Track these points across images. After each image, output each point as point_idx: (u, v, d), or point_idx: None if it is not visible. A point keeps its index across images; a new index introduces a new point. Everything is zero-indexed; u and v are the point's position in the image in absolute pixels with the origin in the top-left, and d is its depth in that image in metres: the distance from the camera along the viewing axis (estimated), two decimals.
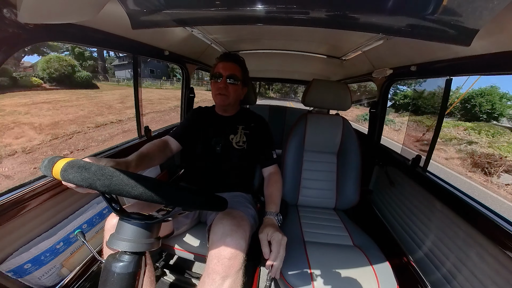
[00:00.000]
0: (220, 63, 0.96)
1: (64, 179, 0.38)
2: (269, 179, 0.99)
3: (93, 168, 0.39)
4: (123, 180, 0.39)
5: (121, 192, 0.39)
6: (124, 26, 0.82)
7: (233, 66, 0.96)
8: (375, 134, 1.58)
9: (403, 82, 9.33)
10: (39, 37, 0.64)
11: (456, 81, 1.02)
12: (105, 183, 0.38)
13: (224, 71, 0.94)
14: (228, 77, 0.94)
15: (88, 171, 0.38)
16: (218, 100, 0.98)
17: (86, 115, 8.34)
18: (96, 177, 0.38)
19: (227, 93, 0.95)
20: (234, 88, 0.96)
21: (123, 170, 0.42)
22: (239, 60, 0.99)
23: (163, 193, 0.41)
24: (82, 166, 0.38)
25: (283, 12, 0.65)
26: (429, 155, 1.10)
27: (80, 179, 0.37)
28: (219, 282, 0.61)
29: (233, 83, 0.95)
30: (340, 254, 0.89)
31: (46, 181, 0.77)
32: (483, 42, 0.65)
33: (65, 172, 0.38)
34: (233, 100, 0.99)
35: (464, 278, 0.76)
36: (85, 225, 0.91)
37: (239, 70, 0.98)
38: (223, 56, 0.98)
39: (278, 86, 34.60)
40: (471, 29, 0.52)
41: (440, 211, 0.90)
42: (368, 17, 0.60)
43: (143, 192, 0.39)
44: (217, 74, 0.95)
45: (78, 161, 0.40)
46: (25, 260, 0.70)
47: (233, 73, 0.95)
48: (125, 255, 0.43)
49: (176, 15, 0.70)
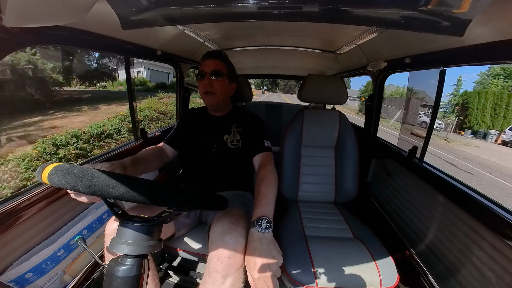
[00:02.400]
0: (203, 62, 0.96)
1: (51, 182, 0.39)
2: (259, 170, 0.86)
3: (76, 170, 0.39)
4: (103, 180, 0.39)
5: (102, 192, 0.38)
6: (115, 27, 0.80)
7: (216, 62, 0.95)
8: (371, 127, 1.60)
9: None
10: (27, 41, 0.62)
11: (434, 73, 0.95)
12: (86, 184, 0.38)
13: (207, 67, 0.94)
14: (211, 73, 0.93)
15: (70, 174, 0.38)
16: (207, 101, 0.98)
17: None
18: (78, 179, 0.38)
19: (213, 89, 0.94)
20: (219, 84, 0.95)
21: (107, 171, 0.41)
22: (222, 56, 0.98)
23: (150, 193, 0.40)
24: (66, 169, 0.39)
25: (275, 8, 0.64)
26: (425, 146, 1.12)
27: (64, 182, 0.38)
28: (220, 281, 0.61)
29: (218, 79, 0.94)
30: (341, 247, 0.90)
31: (42, 188, 0.75)
32: (475, 32, 0.66)
33: (51, 176, 0.39)
34: (221, 98, 0.98)
35: (466, 270, 0.75)
36: (85, 231, 0.90)
37: (223, 65, 0.97)
38: (205, 55, 0.98)
39: (282, 82, 38.61)
40: (463, 20, 0.53)
41: (438, 202, 0.91)
42: (361, 10, 0.60)
43: (125, 192, 0.39)
44: (201, 73, 0.95)
45: (64, 165, 0.40)
46: (26, 269, 0.70)
47: (216, 69, 0.94)
48: (128, 258, 0.43)
49: (166, 14, 0.69)
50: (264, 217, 0.66)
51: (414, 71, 1.24)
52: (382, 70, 1.38)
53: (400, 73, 1.35)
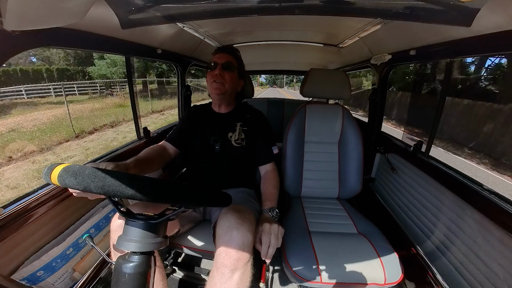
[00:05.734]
0: (216, 55, 0.98)
1: (62, 184, 0.39)
2: (265, 178, 0.99)
3: (87, 171, 0.39)
4: (115, 180, 0.39)
5: (116, 192, 0.39)
6: (114, 26, 0.80)
7: (228, 56, 0.97)
8: (375, 122, 1.57)
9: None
10: (28, 44, 0.62)
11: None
12: (99, 184, 0.38)
13: (220, 59, 0.95)
14: (223, 65, 0.94)
15: (82, 175, 0.39)
16: (214, 89, 0.95)
17: None
18: (90, 180, 0.38)
19: (223, 80, 0.94)
20: (230, 76, 0.96)
21: (117, 172, 0.42)
22: (235, 53, 1.01)
23: (160, 192, 0.41)
24: (76, 170, 0.39)
25: (275, 1, 0.63)
26: (430, 140, 1.10)
27: (75, 183, 0.38)
28: (228, 275, 0.62)
29: (229, 71, 0.95)
30: (345, 242, 0.90)
31: (49, 189, 0.77)
32: (483, 21, 0.63)
33: (61, 178, 0.39)
34: (229, 88, 0.97)
35: (473, 265, 0.74)
36: (92, 230, 0.92)
37: (235, 60, 1.00)
38: (218, 48, 1.00)
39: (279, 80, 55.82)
40: (471, 9, 0.51)
41: (445, 197, 0.89)
42: (364, 1, 0.58)
43: (137, 191, 0.39)
44: (212, 63, 0.96)
45: (74, 166, 0.41)
46: (37, 267, 0.72)
47: (228, 61, 0.95)
48: (135, 255, 0.44)
49: (165, 12, 0.68)
50: (275, 208, 0.82)
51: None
52: (386, 63, 1.35)
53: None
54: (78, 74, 14.67)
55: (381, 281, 0.77)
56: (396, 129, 8.49)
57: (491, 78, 8.13)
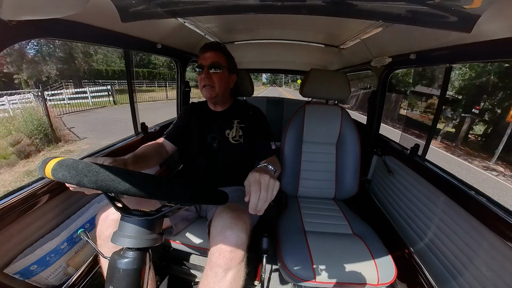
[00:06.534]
0: (201, 55, 0.94)
1: (55, 177, 0.39)
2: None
3: (81, 165, 0.39)
4: (109, 175, 0.39)
5: (109, 187, 0.39)
6: (114, 19, 0.78)
7: (214, 54, 0.93)
8: (374, 124, 1.58)
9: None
10: (24, 34, 0.61)
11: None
12: (92, 179, 0.38)
13: (205, 61, 0.92)
14: (209, 67, 0.91)
15: (75, 169, 0.38)
16: (205, 94, 0.95)
17: None
18: (83, 174, 0.38)
19: (211, 83, 0.92)
20: (218, 77, 0.93)
21: (111, 167, 0.41)
22: (220, 48, 0.95)
23: (154, 188, 0.40)
24: (70, 164, 0.39)
25: (278, 0, 0.62)
26: (427, 144, 1.11)
27: (69, 177, 0.38)
28: (222, 275, 0.63)
29: (216, 72, 0.92)
30: (340, 243, 0.91)
31: (44, 183, 0.76)
32: (484, 28, 0.64)
33: (55, 171, 0.39)
34: (220, 90, 0.95)
35: (465, 269, 0.75)
36: (87, 225, 0.91)
37: (222, 57, 0.94)
38: (203, 47, 0.95)
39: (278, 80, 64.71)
40: (472, 15, 0.51)
41: (439, 200, 0.91)
42: (367, 3, 0.58)
43: (131, 187, 0.39)
44: (199, 66, 0.93)
45: (68, 160, 0.40)
46: (30, 261, 0.71)
47: (214, 61, 0.92)
48: (130, 251, 0.44)
49: (166, 6, 0.67)
50: (273, 166, 0.68)
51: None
52: (386, 66, 1.36)
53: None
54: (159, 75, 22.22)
55: (374, 281, 0.78)
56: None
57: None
